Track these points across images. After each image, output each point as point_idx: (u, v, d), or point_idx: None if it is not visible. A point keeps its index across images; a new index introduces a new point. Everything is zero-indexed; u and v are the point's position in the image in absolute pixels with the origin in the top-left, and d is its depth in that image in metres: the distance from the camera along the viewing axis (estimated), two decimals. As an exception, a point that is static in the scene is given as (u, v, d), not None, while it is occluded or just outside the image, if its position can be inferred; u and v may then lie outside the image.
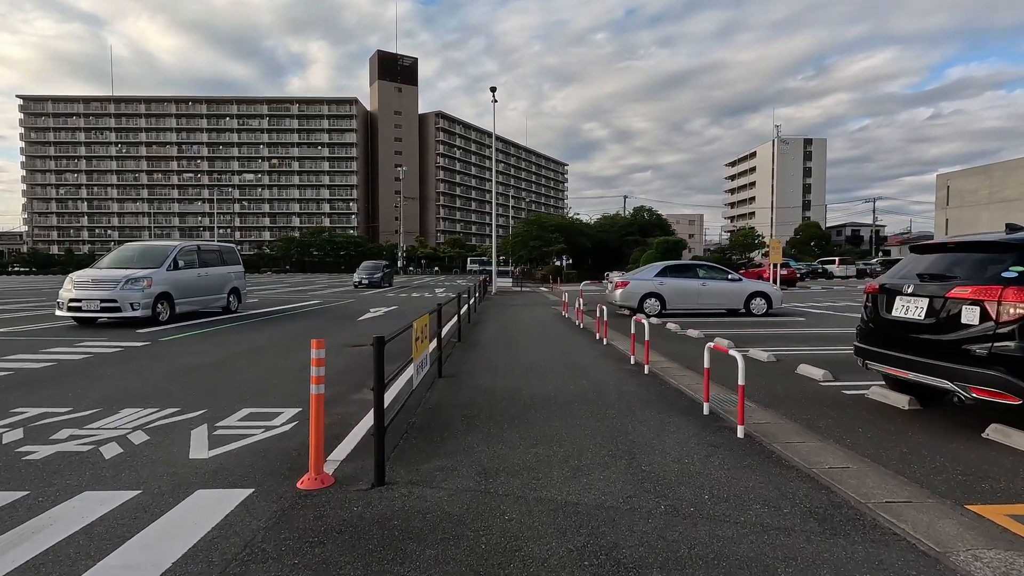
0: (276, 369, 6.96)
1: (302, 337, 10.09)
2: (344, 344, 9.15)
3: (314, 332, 10.83)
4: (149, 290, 11.27)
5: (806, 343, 9.32)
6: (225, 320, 12.78)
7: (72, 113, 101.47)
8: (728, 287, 14.34)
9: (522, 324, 12.72)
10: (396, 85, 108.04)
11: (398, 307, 17.85)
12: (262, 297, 22.39)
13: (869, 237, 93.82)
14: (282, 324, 12.32)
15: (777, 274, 23.75)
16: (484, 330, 11.45)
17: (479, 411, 4.95)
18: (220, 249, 14.36)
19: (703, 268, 14.93)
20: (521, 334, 10.73)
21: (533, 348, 8.79)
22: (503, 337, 10.28)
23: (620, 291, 14.38)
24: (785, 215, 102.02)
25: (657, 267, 14.80)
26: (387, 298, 22.41)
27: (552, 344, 9.32)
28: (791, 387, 6.00)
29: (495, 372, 6.74)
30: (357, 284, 31.89)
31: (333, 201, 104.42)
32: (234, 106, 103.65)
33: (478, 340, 9.84)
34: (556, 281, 37.03)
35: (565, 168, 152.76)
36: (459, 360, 7.64)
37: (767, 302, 14.28)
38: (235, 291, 14.57)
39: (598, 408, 5.08)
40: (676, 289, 14.22)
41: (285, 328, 11.57)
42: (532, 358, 7.78)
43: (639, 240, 52.94)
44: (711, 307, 14.41)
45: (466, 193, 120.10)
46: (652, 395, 5.62)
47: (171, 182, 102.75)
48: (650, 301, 14.19)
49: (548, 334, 10.78)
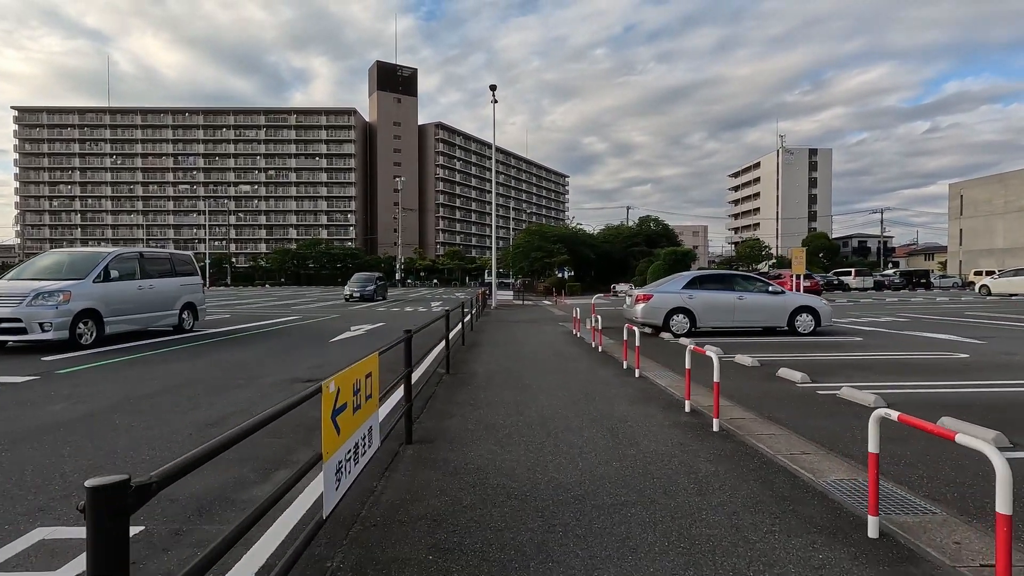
0: (170, 430, 4.77)
1: (250, 367, 7.90)
2: (294, 380, 6.96)
3: (270, 358, 8.64)
4: (66, 306, 9.09)
5: (918, 376, 7.11)
6: (170, 342, 10.59)
7: (67, 124, 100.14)
8: (769, 301, 12.16)
9: (527, 347, 10.52)
10: (395, 96, 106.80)
11: (384, 324, 15.66)
12: (237, 313, 20.22)
13: (877, 248, 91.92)
14: (237, 347, 10.14)
15: (800, 286, 21.58)
16: (481, 356, 9.25)
17: (463, 537, 2.75)
18: (171, 258, 12.18)
19: (739, 279, 12.76)
20: (527, 363, 8.53)
21: (545, 387, 6.58)
22: (504, 368, 8.07)
23: (642, 306, 12.21)
24: (790, 226, 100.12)
25: (685, 277, 12.62)
26: (376, 313, 20.23)
27: (569, 380, 7.11)
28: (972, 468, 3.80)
29: (492, 435, 4.53)
30: (348, 297, 29.72)
31: (331, 213, 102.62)
32: (231, 117, 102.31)
33: (472, 372, 7.64)
34: (560, 294, 34.80)
35: (566, 180, 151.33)
36: (442, 409, 5.44)
37: (815, 319, 12.09)
38: (190, 306, 12.39)
39: (673, 520, 2.88)
40: (708, 303, 12.04)
41: (236, 353, 9.38)
42: (545, 406, 5.57)
43: (645, 251, 50.86)
44: (748, 324, 12.22)
45: (466, 205, 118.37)
46: (753, 484, 3.41)
47: (167, 193, 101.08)
48: (677, 318, 12.01)
49: (561, 363, 8.58)
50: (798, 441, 4.30)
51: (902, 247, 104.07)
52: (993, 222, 64.00)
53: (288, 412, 1.86)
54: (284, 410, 1.83)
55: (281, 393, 6.06)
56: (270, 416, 1.73)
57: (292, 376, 7.16)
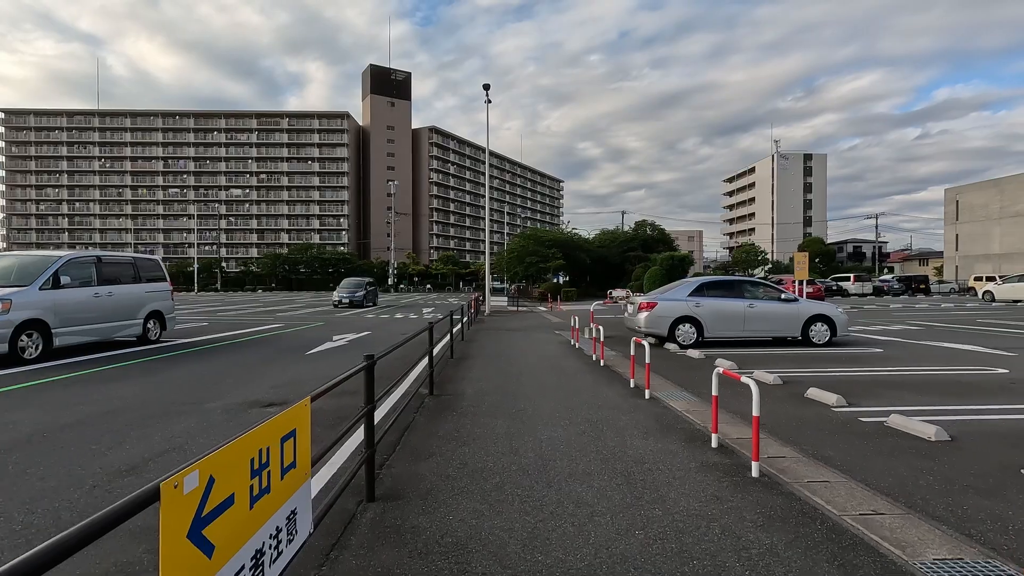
0: (70, 479, 3.83)
1: (206, 386, 6.96)
2: (252, 403, 6.02)
3: (232, 376, 7.70)
4: (5, 316, 8.12)
5: (966, 397, 6.27)
6: (128, 355, 9.61)
7: (55, 127, 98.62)
8: (782, 309, 11.33)
9: (523, 361, 9.62)
10: (389, 99, 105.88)
11: (370, 333, 14.73)
12: (217, 320, 19.22)
13: (872, 253, 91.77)
14: (200, 361, 9.18)
15: (803, 292, 20.82)
16: (471, 372, 8.34)
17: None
18: (134, 262, 11.19)
19: (749, 285, 11.92)
20: (522, 381, 7.63)
21: (544, 413, 5.68)
22: (496, 387, 7.17)
23: (645, 314, 11.35)
24: (786, 231, 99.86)
25: (691, 284, 11.77)
26: (364, 321, 19.27)
27: (572, 403, 6.22)
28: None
29: (479, 486, 3.60)
30: (337, 303, 28.74)
31: (323, 217, 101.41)
32: (222, 120, 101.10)
33: (460, 393, 6.73)
34: (555, 300, 33.93)
35: (561, 185, 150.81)
36: (418, 446, 4.52)
37: (830, 328, 11.27)
38: (156, 315, 11.42)
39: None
40: (717, 312, 11.20)
41: (197, 368, 8.43)
42: (544, 441, 4.67)
43: (641, 256, 50.12)
44: (760, 334, 11.39)
45: (460, 209, 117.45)
46: (827, 569, 2.52)
47: (156, 197, 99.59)
48: (684, 327, 11.16)
49: (561, 380, 7.68)
50: (863, 493, 3.43)
51: (896, 252, 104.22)
52: (989, 227, 63.69)
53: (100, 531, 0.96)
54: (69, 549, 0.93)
55: (229, 423, 5.13)
56: None
57: (250, 399, 6.22)
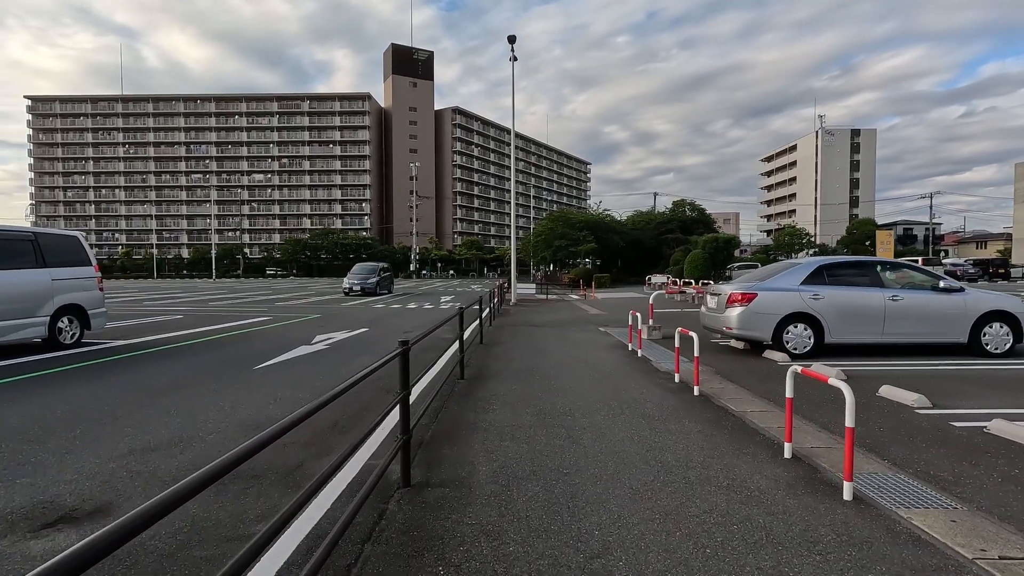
0: None
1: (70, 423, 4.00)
2: (27, 516, 3.01)
3: (97, 417, 4.73)
4: None
5: None
6: (19, 368, 6.79)
7: (80, 114, 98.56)
8: (940, 303, 7.84)
9: (565, 381, 6.42)
10: (411, 80, 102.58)
11: (367, 330, 11.75)
12: (200, 313, 16.56)
13: (924, 236, 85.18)
14: (80, 384, 6.27)
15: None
16: (487, 414, 5.14)
17: None
18: (35, 240, 8.26)
19: (887, 268, 8.40)
20: (570, 428, 4.43)
21: (624, 524, 2.47)
22: (530, 457, 3.99)
23: (739, 310, 8.00)
24: (830, 212, 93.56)
25: (804, 268, 8.29)
26: (369, 313, 16.33)
27: (678, 501, 3.00)
28: None
29: None
30: (348, 291, 25.92)
31: (345, 202, 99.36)
32: (243, 104, 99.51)
33: (466, 463, 3.56)
34: (588, 287, 30.40)
35: (588, 167, 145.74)
36: None
37: (1013, 331, 7.77)
38: (74, 310, 8.59)
39: None
40: (844, 306, 7.78)
41: (46, 403, 5.51)
42: None
43: (680, 238, 46.12)
44: (905, 337, 7.92)
45: (484, 193, 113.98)
46: None
47: (179, 183, 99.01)
48: (796, 328, 7.79)
49: (635, 426, 4.46)
50: None
51: (949, 234, 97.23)
52: (1066, 204, 57.34)
53: None
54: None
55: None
56: None
57: (38, 499, 3.20)
